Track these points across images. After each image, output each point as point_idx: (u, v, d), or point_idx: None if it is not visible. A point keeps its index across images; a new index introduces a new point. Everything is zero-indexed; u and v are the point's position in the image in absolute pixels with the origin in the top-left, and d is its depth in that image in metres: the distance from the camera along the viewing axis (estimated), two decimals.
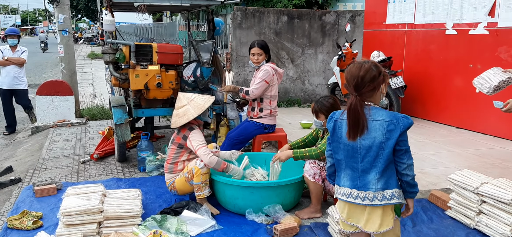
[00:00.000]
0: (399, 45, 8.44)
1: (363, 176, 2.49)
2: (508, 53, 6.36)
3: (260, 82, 5.01)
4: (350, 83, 2.45)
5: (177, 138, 4.30)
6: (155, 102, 5.65)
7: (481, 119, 6.88)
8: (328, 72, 9.95)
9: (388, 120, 2.42)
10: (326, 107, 4.13)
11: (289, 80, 9.96)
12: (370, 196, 2.47)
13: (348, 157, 2.53)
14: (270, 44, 9.53)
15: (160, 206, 4.28)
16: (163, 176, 5.15)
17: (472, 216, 3.76)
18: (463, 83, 7.16)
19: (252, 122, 5.23)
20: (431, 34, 7.75)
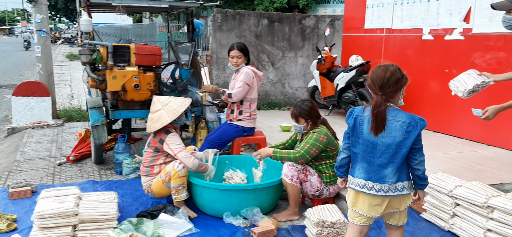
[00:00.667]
0: (377, 50, 8.54)
1: (380, 170, 2.74)
2: (482, 58, 6.50)
3: (242, 86, 5.01)
4: (375, 83, 2.69)
5: (153, 141, 4.26)
6: (133, 104, 5.60)
7: (456, 123, 7.01)
8: (308, 76, 10.01)
9: (408, 122, 2.70)
10: (305, 111, 4.16)
11: (269, 83, 9.99)
12: (385, 188, 2.74)
13: (366, 151, 2.78)
14: (251, 47, 9.54)
15: (137, 209, 4.24)
16: (140, 179, 5.10)
17: (447, 219, 3.83)
18: (439, 87, 7.29)
19: (231, 125, 5.22)
20: (408, 39, 7.87)
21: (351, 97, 7.92)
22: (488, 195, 3.54)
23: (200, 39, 16.97)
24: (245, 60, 5.15)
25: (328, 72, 8.62)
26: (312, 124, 4.19)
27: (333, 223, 3.55)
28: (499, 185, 4.62)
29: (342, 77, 8.04)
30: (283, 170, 4.11)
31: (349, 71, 7.96)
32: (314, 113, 4.19)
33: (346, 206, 4.21)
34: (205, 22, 17.11)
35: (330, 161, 4.16)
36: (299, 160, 4.02)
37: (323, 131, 4.10)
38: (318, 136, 4.05)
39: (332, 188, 4.20)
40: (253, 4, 17.74)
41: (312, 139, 4.04)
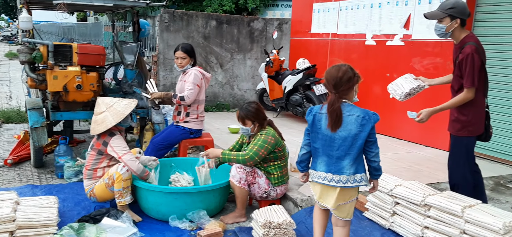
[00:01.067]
0: (323, 54, 8.74)
1: (338, 162, 2.95)
2: (421, 63, 6.81)
3: (192, 87, 4.95)
4: (330, 82, 2.92)
5: (96, 143, 4.13)
6: (75, 105, 5.40)
7: (396, 125, 7.30)
8: (257, 78, 10.08)
9: (362, 116, 2.91)
10: (251, 113, 4.18)
11: (218, 84, 9.96)
12: (343, 179, 2.95)
13: (325, 145, 2.98)
14: (199, 48, 9.48)
15: (79, 214, 4.09)
16: (82, 183, 4.91)
17: (387, 217, 3.97)
18: (381, 91, 7.56)
19: (178, 127, 5.15)
20: (352, 44, 8.11)
21: (298, 99, 8.06)
22: (425, 193, 3.70)
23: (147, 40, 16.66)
24: (190, 61, 5.10)
25: (276, 74, 8.73)
26: (259, 125, 4.22)
27: (279, 223, 3.58)
28: (435, 184, 4.86)
29: (290, 80, 8.17)
30: (231, 173, 4.11)
31: (297, 74, 8.10)
32: (261, 115, 4.23)
33: (293, 207, 4.29)
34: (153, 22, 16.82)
35: (278, 162, 4.21)
36: (248, 162, 4.03)
37: (270, 133, 4.14)
38: (266, 138, 4.08)
39: (280, 189, 4.25)
40: (202, 5, 17.64)
41: (260, 141, 4.07)
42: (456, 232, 3.43)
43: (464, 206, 3.44)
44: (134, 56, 5.57)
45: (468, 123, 3.83)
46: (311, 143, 3.08)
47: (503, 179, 5.40)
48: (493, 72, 6.09)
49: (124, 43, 5.68)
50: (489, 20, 6.18)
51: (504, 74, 6.00)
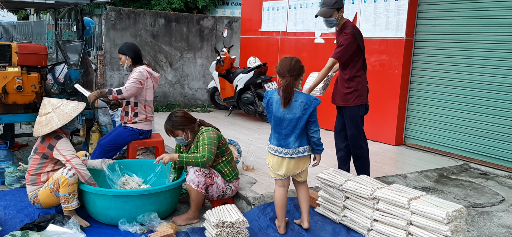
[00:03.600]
0: (274, 52, 8.80)
1: (286, 138, 3.65)
2: (368, 60, 6.95)
3: (133, 81, 4.81)
4: (284, 68, 3.58)
5: (41, 147, 3.93)
6: (16, 107, 5.14)
7: None
8: (208, 77, 10.00)
9: (305, 102, 3.57)
10: (178, 122, 4.08)
11: (168, 84, 9.80)
12: (290, 152, 3.67)
13: (276, 125, 3.69)
14: (147, 47, 9.29)
15: (22, 221, 3.90)
16: (25, 189, 4.68)
17: (338, 212, 4.04)
18: (330, 88, 7.69)
19: (126, 128, 5.01)
20: (302, 42, 8.22)
21: (250, 97, 8.07)
22: (373, 187, 3.80)
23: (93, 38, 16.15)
24: (128, 61, 4.96)
25: (227, 73, 8.69)
26: (191, 130, 4.15)
27: (232, 223, 3.56)
28: (383, 177, 5.01)
29: (241, 78, 8.16)
30: (189, 177, 4.01)
31: (248, 72, 8.11)
32: (188, 120, 4.13)
33: (245, 205, 4.29)
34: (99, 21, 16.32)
35: (225, 157, 4.18)
36: (207, 163, 3.94)
37: (209, 129, 4.10)
38: (209, 134, 4.03)
39: (234, 185, 4.23)
40: (150, 4, 17.30)
41: (206, 139, 4.00)
42: (403, 223, 3.55)
43: (410, 198, 3.56)
44: (79, 55, 5.37)
45: (359, 93, 4.60)
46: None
47: (446, 170, 5.65)
48: (440, 69, 6.38)
49: (67, 42, 5.46)
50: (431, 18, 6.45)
51: (447, 71, 6.27)
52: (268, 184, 4.67)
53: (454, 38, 6.17)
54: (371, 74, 6.93)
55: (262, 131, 7.45)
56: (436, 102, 6.44)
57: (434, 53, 6.43)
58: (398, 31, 6.56)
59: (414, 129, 6.75)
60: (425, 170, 5.50)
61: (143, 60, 5.11)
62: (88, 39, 6.06)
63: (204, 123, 4.25)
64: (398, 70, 6.58)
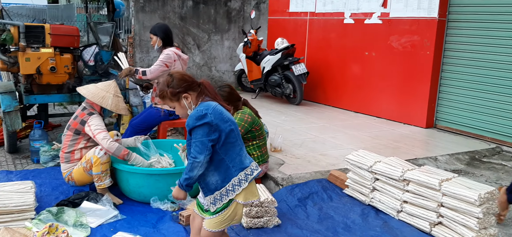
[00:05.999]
0: (302, 33, 8.72)
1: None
2: (399, 41, 6.86)
3: (158, 63, 4.84)
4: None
5: (73, 123, 4.03)
6: (49, 88, 5.26)
7: (375, 104, 7.38)
8: (235, 59, 10.01)
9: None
10: (224, 97, 4.10)
11: (195, 66, 9.86)
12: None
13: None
14: (175, 29, 9.34)
15: (57, 198, 4.01)
16: (59, 167, 4.81)
17: (367, 193, 4.02)
18: (359, 70, 7.61)
19: (157, 109, 5.08)
20: (331, 23, 8.11)
21: (277, 79, 8.04)
22: (404, 169, 3.76)
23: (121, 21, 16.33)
24: (161, 42, 4.99)
25: (254, 55, 8.66)
26: (234, 108, 4.18)
27: (261, 202, 3.59)
28: (413, 160, 4.94)
29: (268, 60, 8.13)
30: None
31: (275, 54, 8.07)
32: (234, 97, 4.17)
33: (273, 186, 4.31)
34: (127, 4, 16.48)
35: (256, 141, 4.19)
36: None
37: (246, 112, 4.11)
38: (243, 116, 4.06)
39: (261, 168, 4.25)
40: None
41: (237, 120, 4.04)
42: (433, 205, 3.51)
43: (442, 179, 3.51)
44: (110, 36, 5.44)
45: None
46: None
47: (478, 153, 5.52)
48: (473, 49, 6.22)
49: (99, 23, 5.53)
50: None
51: (480, 51, 6.10)
52: (296, 166, 4.67)
53: (488, 18, 5.98)
54: (402, 55, 6.82)
55: (289, 113, 7.44)
56: (468, 84, 6.28)
57: (467, 34, 6.25)
58: (430, 11, 6.40)
59: (446, 111, 6.61)
60: (456, 153, 5.40)
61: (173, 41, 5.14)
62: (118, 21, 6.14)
63: (247, 105, 4.25)
64: (430, 51, 6.44)
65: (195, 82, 2.69)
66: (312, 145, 5.52)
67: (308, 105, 8.33)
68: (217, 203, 2.61)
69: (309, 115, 7.42)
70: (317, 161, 4.85)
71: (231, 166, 2.59)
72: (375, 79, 7.33)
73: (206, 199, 2.66)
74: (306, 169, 4.59)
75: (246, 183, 2.60)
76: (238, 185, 2.58)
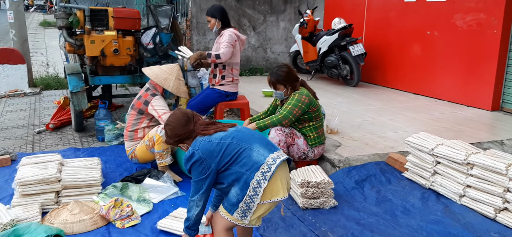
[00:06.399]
0: (360, 12, 8.51)
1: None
2: (463, 20, 6.53)
3: (227, 45, 4.90)
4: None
5: (137, 103, 4.19)
6: (113, 70, 5.49)
7: (437, 85, 7.09)
8: (290, 40, 9.94)
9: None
10: (282, 77, 4.10)
11: (251, 48, 9.89)
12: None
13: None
14: (231, 11, 9.38)
15: (121, 175, 4.21)
16: (123, 145, 5.04)
17: (427, 177, 3.90)
18: (421, 50, 7.33)
19: (214, 90, 5.16)
20: (390, 2, 7.84)
21: (333, 60, 7.91)
22: (468, 152, 3.61)
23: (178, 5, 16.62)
24: (218, 23, 5.03)
25: (310, 36, 8.56)
26: (292, 88, 4.15)
27: (317, 183, 3.58)
28: (478, 144, 4.72)
29: (325, 41, 8.00)
30: (271, 135, 4.08)
31: (332, 34, 7.93)
32: (292, 77, 4.14)
33: (330, 167, 4.28)
34: None
35: (313, 123, 4.16)
36: (283, 121, 3.99)
37: (304, 92, 4.08)
38: (300, 97, 4.03)
39: (317, 150, 4.23)
40: None
41: (294, 100, 4.02)
42: (499, 190, 3.36)
43: (509, 163, 3.34)
44: (169, 19, 5.56)
45: None
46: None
47: None
48: None
49: (158, 6, 5.67)
50: None
51: None
52: (354, 148, 4.61)
53: None
54: (467, 34, 6.50)
55: (346, 95, 7.32)
56: None
57: None
58: None
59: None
60: None
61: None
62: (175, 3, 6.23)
63: (305, 85, 4.21)
64: (497, 30, 6.07)
65: (187, 132, 2.55)
66: (370, 127, 5.41)
67: (365, 86, 8.15)
68: (248, 214, 2.41)
69: (367, 96, 7.27)
70: (375, 144, 4.76)
71: (245, 171, 2.39)
72: (437, 59, 7.04)
73: (235, 215, 2.44)
74: (363, 151, 4.51)
75: (266, 182, 2.36)
76: (259, 187, 2.36)
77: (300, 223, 3.39)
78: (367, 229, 3.28)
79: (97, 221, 3.25)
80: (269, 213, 3.40)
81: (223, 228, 2.46)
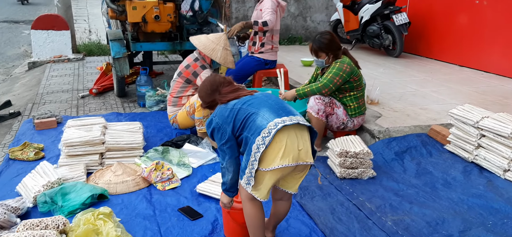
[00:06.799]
0: None
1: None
2: None
3: (271, 11, 4.85)
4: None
5: (185, 72, 4.22)
6: (154, 36, 5.55)
7: (484, 57, 6.81)
8: (331, 9, 9.74)
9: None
10: (324, 44, 3.99)
11: (290, 16, 9.76)
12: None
13: None
14: None
15: (161, 140, 4.30)
16: (163, 111, 5.14)
17: (471, 150, 3.78)
18: (468, 20, 7.03)
19: (253, 57, 5.15)
20: None
21: (375, 30, 7.70)
22: None
23: None
24: None
25: (352, 4, 8.34)
26: (334, 56, 4.06)
27: (356, 153, 3.54)
28: None
29: (367, 9, 7.78)
30: (310, 104, 4.05)
31: (375, 2, 7.68)
32: (334, 45, 4.02)
33: (369, 138, 4.22)
34: None
35: (354, 92, 4.08)
36: (322, 89, 3.94)
37: (346, 61, 3.98)
38: (341, 66, 3.94)
39: (357, 120, 4.17)
40: None
41: (335, 69, 3.94)
42: None
43: None
44: None
45: None
46: None
47: None
48: None
49: None
50: None
51: None
52: (394, 119, 4.52)
53: None
54: None
55: (387, 66, 7.15)
56: None
57: None
58: None
59: None
60: None
61: None
62: None
63: (347, 54, 4.10)
64: None
65: (212, 100, 2.58)
66: (412, 98, 5.28)
67: (408, 57, 7.92)
68: (251, 182, 2.32)
69: (409, 67, 7.07)
70: (417, 115, 4.65)
71: (250, 136, 2.30)
72: (486, 30, 6.73)
73: (242, 181, 2.37)
74: (404, 122, 4.42)
75: (264, 146, 2.22)
76: (258, 152, 2.24)
77: (337, 192, 3.38)
78: (405, 200, 3.24)
79: (139, 182, 3.35)
80: (306, 181, 3.44)
81: (244, 197, 2.44)
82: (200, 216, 2.97)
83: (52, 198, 2.99)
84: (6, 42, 11.17)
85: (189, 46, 5.51)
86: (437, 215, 3.03)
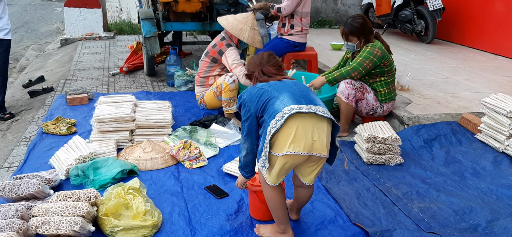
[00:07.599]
0: None
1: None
2: None
3: (289, 0, 4.84)
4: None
5: (212, 51, 4.24)
6: (184, 16, 5.57)
7: None
8: None
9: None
10: (356, 28, 3.93)
11: (320, 0, 9.65)
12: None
13: None
14: None
15: (189, 119, 4.36)
16: (191, 91, 5.20)
17: (502, 140, 3.70)
18: (504, 7, 6.80)
19: (282, 39, 5.14)
20: None
21: (408, 15, 7.54)
22: None
23: None
24: None
25: None
26: (365, 41, 4.00)
27: (384, 139, 3.51)
28: None
29: None
30: (340, 88, 4.00)
31: None
32: (367, 29, 3.95)
33: (398, 124, 4.17)
34: None
35: (385, 77, 4.02)
36: (352, 73, 3.89)
37: (377, 45, 3.92)
38: (372, 50, 3.88)
39: (386, 106, 4.11)
40: None
41: (366, 52, 3.89)
42: None
43: None
44: None
45: None
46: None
47: None
48: None
49: None
50: None
51: None
52: (424, 106, 4.45)
53: None
54: None
55: (419, 52, 7.01)
56: None
57: None
58: None
59: None
60: None
61: None
62: None
63: (379, 38, 4.02)
64: None
65: (253, 72, 2.59)
66: (443, 86, 5.17)
67: (440, 44, 7.74)
68: (266, 164, 2.33)
69: (441, 54, 6.91)
70: (448, 103, 4.56)
71: (267, 119, 2.31)
72: None
73: (259, 164, 2.37)
74: (435, 110, 4.34)
75: (275, 129, 2.21)
76: (270, 134, 2.23)
77: (363, 177, 3.37)
78: (433, 188, 3.20)
79: (167, 160, 3.42)
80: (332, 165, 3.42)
81: (262, 181, 2.45)
82: (226, 195, 3.02)
83: (84, 172, 3.09)
84: (39, 19, 11.44)
85: (218, 27, 5.52)
86: (465, 204, 2.99)
